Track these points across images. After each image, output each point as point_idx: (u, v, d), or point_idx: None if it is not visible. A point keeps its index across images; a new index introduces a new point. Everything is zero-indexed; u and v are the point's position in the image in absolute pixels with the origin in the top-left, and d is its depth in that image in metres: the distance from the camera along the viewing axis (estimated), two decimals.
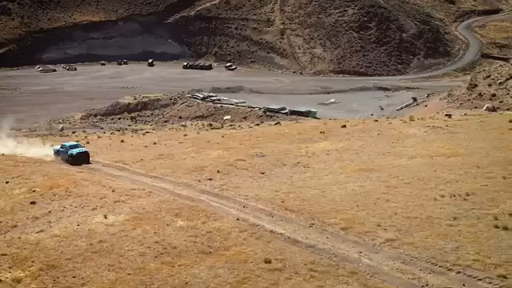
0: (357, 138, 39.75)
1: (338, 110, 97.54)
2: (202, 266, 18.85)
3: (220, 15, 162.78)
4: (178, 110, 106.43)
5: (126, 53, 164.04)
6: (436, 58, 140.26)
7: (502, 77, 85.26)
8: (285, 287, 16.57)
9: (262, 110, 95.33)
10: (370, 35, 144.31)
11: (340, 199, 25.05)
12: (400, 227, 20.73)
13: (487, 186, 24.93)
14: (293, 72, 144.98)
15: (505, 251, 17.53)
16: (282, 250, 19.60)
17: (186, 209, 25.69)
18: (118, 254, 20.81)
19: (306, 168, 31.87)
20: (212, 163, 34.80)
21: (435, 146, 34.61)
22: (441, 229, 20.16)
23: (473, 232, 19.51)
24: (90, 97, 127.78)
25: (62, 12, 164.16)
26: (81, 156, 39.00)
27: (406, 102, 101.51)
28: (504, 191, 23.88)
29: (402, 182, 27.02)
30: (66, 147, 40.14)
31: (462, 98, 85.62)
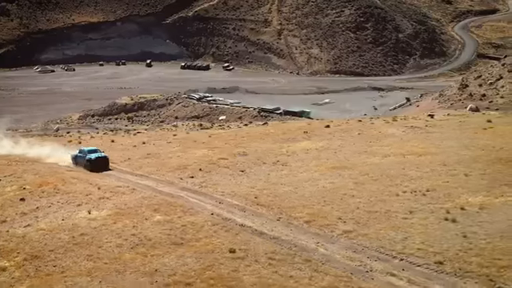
0: (338, 138, 41.45)
1: (331, 110, 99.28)
2: (172, 256, 20.54)
3: (218, 16, 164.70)
4: (174, 111, 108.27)
5: (125, 53, 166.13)
6: (432, 58, 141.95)
7: (493, 77, 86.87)
8: (244, 273, 18.26)
9: (257, 110, 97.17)
10: (367, 35, 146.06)
11: (309, 195, 26.73)
12: (359, 220, 22.41)
13: (448, 183, 26.59)
14: (290, 72, 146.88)
15: (447, 241, 19.20)
16: (247, 241, 21.29)
17: (165, 204, 27.37)
18: (97, 246, 22.50)
19: (284, 166, 33.57)
20: (196, 162, 36.52)
21: (409, 145, 36.29)
22: (395, 221, 21.84)
23: (423, 224, 21.18)
24: (87, 97, 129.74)
25: (60, 13, 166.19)
26: (99, 161, 37.19)
27: (399, 102, 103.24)
28: (462, 187, 25.55)
29: (371, 178, 28.69)
30: (84, 152, 38.48)
31: (452, 98, 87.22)
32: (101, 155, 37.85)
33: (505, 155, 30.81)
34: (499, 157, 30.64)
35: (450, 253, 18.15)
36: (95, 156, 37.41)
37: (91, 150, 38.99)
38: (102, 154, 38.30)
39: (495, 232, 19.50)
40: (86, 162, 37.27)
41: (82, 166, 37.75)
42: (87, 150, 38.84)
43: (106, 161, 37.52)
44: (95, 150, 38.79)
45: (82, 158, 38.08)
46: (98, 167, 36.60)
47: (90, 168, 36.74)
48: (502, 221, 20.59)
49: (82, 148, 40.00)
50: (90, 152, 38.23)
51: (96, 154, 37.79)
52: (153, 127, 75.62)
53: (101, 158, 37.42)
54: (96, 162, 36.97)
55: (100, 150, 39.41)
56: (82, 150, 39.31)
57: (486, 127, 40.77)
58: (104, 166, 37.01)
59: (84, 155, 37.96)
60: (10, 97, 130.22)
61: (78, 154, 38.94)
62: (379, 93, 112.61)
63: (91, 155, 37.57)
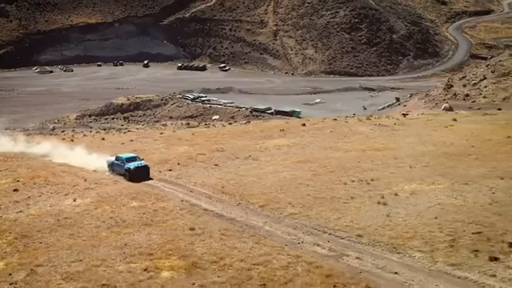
0: (310, 135, 45.20)
1: (322, 109, 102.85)
2: (141, 233, 24.28)
3: (214, 17, 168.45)
4: (169, 111, 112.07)
5: (122, 54, 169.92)
6: (425, 58, 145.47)
7: (477, 78, 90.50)
8: (198, 245, 21.98)
9: (249, 110, 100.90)
10: (361, 36, 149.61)
11: (270, 185, 30.46)
12: (305, 204, 26.14)
13: (393, 174, 30.31)
14: (285, 73, 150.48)
15: (372, 219, 22.89)
16: (207, 222, 25.05)
17: (142, 193, 31.13)
18: (78, 227, 26.25)
19: (254, 160, 37.33)
20: (176, 157, 40.30)
21: (372, 142, 40.03)
22: (336, 205, 25.56)
23: (358, 207, 24.90)
24: (85, 97, 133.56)
25: (59, 14, 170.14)
26: (140, 171, 34.49)
27: (389, 101, 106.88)
28: (403, 177, 29.26)
29: (327, 170, 32.42)
30: (121, 160, 35.82)
31: (438, 98, 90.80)
32: (141, 164, 35.04)
33: (451, 150, 34.53)
34: (446, 151, 34.36)
35: (370, 228, 21.86)
36: (135, 166, 34.72)
37: (129, 157, 36.23)
38: (142, 162, 35.46)
39: (414, 212, 23.21)
40: (125, 172, 34.88)
41: (120, 174, 35.55)
42: (125, 157, 36.14)
43: (146, 170, 34.86)
44: (134, 158, 36.02)
45: (119, 167, 35.74)
46: (138, 177, 34.09)
47: (128, 178, 34.39)
48: (423, 203, 24.30)
49: (119, 155, 37.07)
50: (128, 160, 35.53)
51: (135, 163, 34.99)
52: (148, 126, 79.25)
53: (141, 168, 34.73)
54: (136, 172, 34.39)
55: (139, 157, 36.55)
56: (119, 157, 36.49)
57: (448, 125, 44.45)
58: (145, 175, 34.48)
59: (122, 163, 35.44)
60: (8, 97, 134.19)
61: (114, 162, 36.43)
62: (370, 93, 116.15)
63: (130, 164, 34.90)
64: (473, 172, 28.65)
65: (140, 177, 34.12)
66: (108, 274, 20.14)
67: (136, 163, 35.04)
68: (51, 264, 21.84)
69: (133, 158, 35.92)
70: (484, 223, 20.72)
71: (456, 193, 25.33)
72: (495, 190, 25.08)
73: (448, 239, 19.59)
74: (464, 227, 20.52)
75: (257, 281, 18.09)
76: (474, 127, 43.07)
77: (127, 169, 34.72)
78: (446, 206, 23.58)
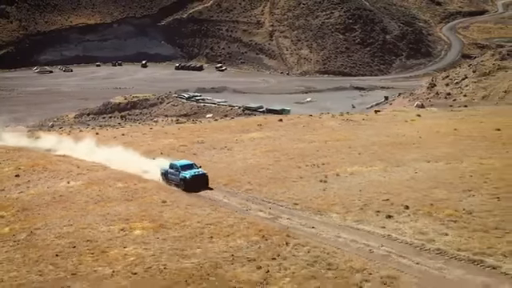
0: (283, 130, 50.77)
1: (312, 108, 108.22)
2: (122, 206, 29.82)
3: (212, 18, 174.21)
4: (165, 109, 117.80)
5: (121, 54, 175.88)
6: (417, 58, 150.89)
7: (459, 77, 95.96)
8: (166, 213, 27.48)
9: (241, 108, 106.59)
10: (355, 37, 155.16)
11: (236, 169, 36.00)
12: (261, 183, 31.63)
13: (343, 159, 35.82)
14: (280, 73, 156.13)
15: (310, 193, 28.32)
16: (177, 197, 30.59)
17: (127, 177, 36.70)
18: (70, 202, 31.83)
19: (228, 150, 42.91)
20: (160, 148, 45.88)
21: (336, 134, 45.56)
22: (286, 183, 31.05)
23: (303, 185, 30.38)
24: (84, 97, 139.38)
25: (58, 15, 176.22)
26: (197, 180, 31.95)
27: (378, 100, 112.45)
28: (349, 162, 34.76)
29: (288, 158, 37.93)
30: (176, 167, 33.22)
31: (421, 96, 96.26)
32: (198, 172, 32.57)
33: (400, 140, 40.06)
34: (395, 141, 39.88)
35: (306, 199, 27.36)
36: (191, 174, 32.23)
37: (185, 164, 33.59)
38: (199, 170, 32.92)
39: (345, 187, 28.72)
40: (180, 181, 32.44)
41: (175, 184, 33.07)
42: (180, 164, 33.49)
43: (204, 179, 32.31)
44: (190, 166, 33.37)
45: (174, 175, 33.20)
46: (194, 187, 31.66)
47: (184, 188, 31.99)
48: (356, 181, 29.80)
49: (173, 162, 34.32)
50: (183, 168, 32.98)
51: (192, 172, 32.49)
52: (141, 123, 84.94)
53: (199, 176, 32.20)
54: (193, 181, 31.94)
55: (196, 164, 33.99)
56: (173, 164, 33.86)
57: (409, 120, 49.95)
58: (203, 184, 32.04)
59: (177, 172, 32.91)
60: (9, 97, 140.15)
61: (169, 170, 33.88)
62: (360, 92, 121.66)
63: (186, 173, 32.42)
64: (408, 157, 34.14)
65: (197, 186, 31.62)
66: (92, 233, 25.69)
67: (192, 171, 32.44)
68: (47, 228, 27.39)
69: (189, 166, 33.23)
70: (394, 193, 26.22)
71: (386, 173, 30.85)
72: (418, 171, 30.55)
73: (361, 204, 25.09)
74: (378, 196, 26.02)
75: (207, 235, 23.61)
76: (432, 122, 48.59)
77: (182, 178, 32.19)
78: (372, 182, 29.11)
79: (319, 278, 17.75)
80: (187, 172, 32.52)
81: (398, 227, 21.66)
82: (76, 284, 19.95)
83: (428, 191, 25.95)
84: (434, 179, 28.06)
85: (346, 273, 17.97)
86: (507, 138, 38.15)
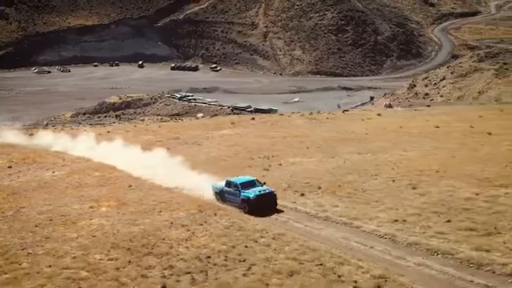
0: (253, 127, 56.99)
1: (299, 108, 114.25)
2: (95, 190, 36.05)
3: (207, 19, 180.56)
4: (158, 109, 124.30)
5: (118, 55, 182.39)
6: (408, 59, 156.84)
7: (437, 78, 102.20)
8: (130, 195, 33.67)
9: (231, 108, 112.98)
10: (347, 38, 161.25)
11: (199, 160, 42.10)
12: (215, 171, 37.76)
13: (291, 152, 41.99)
14: (273, 73, 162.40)
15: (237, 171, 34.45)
16: (142, 182, 36.82)
17: (105, 167, 42.95)
18: (53, 187, 38.10)
19: (198, 145, 49.13)
20: (138, 143, 52.13)
21: (296, 131, 51.73)
22: (236, 171, 37.14)
23: (249, 172, 36.54)
24: (81, 97, 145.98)
25: (57, 16, 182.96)
26: (263, 201, 27.65)
27: (363, 100, 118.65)
28: (294, 154, 40.89)
29: (247, 151, 44.11)
30: (235, 185, 29.16)
31: (401, 96, 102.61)
32: (264, 191, 28.28)
33: (347, 136, 46.23)
34: (342, 137, 46.04)
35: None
36: (255, 194, 27.97)
37: (246, 181, 29.50)
38: (264, 188, 28.70)
39: (281, 174, 34.85)
40: (242, 203, 28.33)
41: (234, 204, 28.95)
42: (240, 182, 29.38)
43: (272, 198, 28.06)
44: (252, 183, 29.25)
45: (233, 196, 29.17)
46: (261, 209, 27.31)
47: (248, 211, 27.71)
48: (292, 169, 35.94)
49: (230, 179, 30.14)
50: (244, 186, 28.84)
51: (256, 190, 28.28)
52: (128, 122, 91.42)
53: (265, 196, 27.91)
54: (258, 201, 27.66)
55: (258, 180, 29.77)
56: (230, 181, 29.85)
57: (365, 119, 56.07)
58: (271, 205, 27.78)
59: (237, 191, 28.87)
60: (8, 96, 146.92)
61: (225, 188, 29.95)
62: (347, 92, 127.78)
63: (249, 192, 28.24)
64: (345, 150, 40.29)
65: (264, 208, 27.30)
66: (66, 210, 31.92)
67: (257, 190, 28.30)
68: (31, 207, 33.63)
69: (250, 183, 29.15)
70: (316, 178, 32.38)
71: (320, 163, 37.02)
72: (346, 161, 36.70)
73: (286, 186, 31.25)
74: (302, 180, 32.19)
75: (157, 210, 29.80)
76: (385, 120, 54.73)
77: (245, 198, 28.03)
78: (305, 170, 35.27)
79: (228, 236, 23.93)
80: (250, 191, 28.16)
81: (305, 202, 27.83)
82: (48, 244, 26.13)
83: (343, 176, 32.13)
84: (354, 167, 34.22)
85: (250, 232, 24.14)
86: (440, 134, 44.26)
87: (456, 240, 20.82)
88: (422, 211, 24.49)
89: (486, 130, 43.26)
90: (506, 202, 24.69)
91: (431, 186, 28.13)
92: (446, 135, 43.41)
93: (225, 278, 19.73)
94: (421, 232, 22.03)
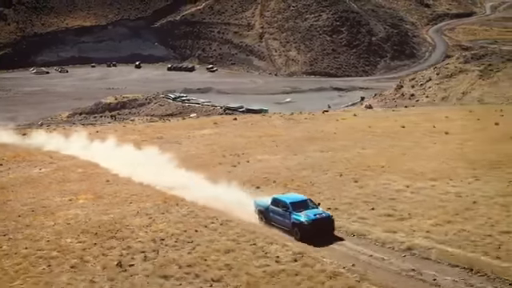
0: (233, 127, 60.68)
1: (290, 108, 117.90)
2: (77, 185, 39.72)
3: (204, 20, 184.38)
4: (152, 109, 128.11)
5: (116, 55, 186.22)
6: (402, 60, 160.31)
7: (424, 79, 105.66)
8: (106, 189, 37.36)
9: (223, 108, 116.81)
10: (342, 39, 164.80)
11: (177, 157, 45.72)
12: (190, 167, 41.39)
13: (262, 150, 45.64)
14: (268, 73, 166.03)
15: (220, 173, 38.10)
16: (118, 178, 40.53)
17: (89, 165, 46.68)
18: (38, 183, 41.85)
19: (178, 144, 52.82)
20: (124, 142, 55.86)
21: (272, 131, 55.39)
22: (208, 167, 40.79)
23: (219, 168, 40.22)
24: (78, 97, 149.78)
25: (54, 17, 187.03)
26: (319, 226, 24.26)
27: (354, 100, 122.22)
28: (264, 152, 44.52)
29: (222, 149, 47.74)
30: (284, 205, 25.69)
31: (388, 97, 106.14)
32: (320, 214, 24.86)
33: (315, 135, 49.90)
34: (312, 136, 49.71)
35: (215, 176, 37.15)
36: (310, 218, 24.47)
37: (297, 201, 25.87)
38: (319, 210, 25.31)
39: (246, 169, 38.53)
40: (293, 227, 24.79)
41: (283, 228, 25.56)
42: (290, 200, 25.97)
43: (329, 223, 24.67)
44: (304, 203, 25.69)
45: (281, 217, 25.78)
46: (316, 235, 24.01)
47: (300, 237, 24.26)
48: (258, 165, 39.62)
49: (278, 197, 26.91)
50: (296, 206, 25.33)
51: (311, 214, 24.76)
52: (118, 122, 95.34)
53: (322, 221, 24.46)
54: (314, 227, 24.18)
55: (311, 200, 26.30)
56: (278, 199, 26.47)
57: (339, 119, 59.71)
58: (327, 231, 24.49)
59: (286, 212, 25.41)
60: (6, 97, 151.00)
61: (271, 207, 26.63)
62: (338, 93, 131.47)
63: (300, 215, 24.74)
64: (310, 148, 43.95)
65: (319, 234, 23.97)
66: (47, 202, 35.62)
67: (311, 213, 24.80)
68: (16, 200, 37.34)
69: (302, 203, 25.62)
70: (275, 173, 36.02)
71: (284, 160, 40.66)
72: (308, 158, 40.35)
73: (246, 180, 34.88)
74: (262, 175, 35.82)
75: (128, 201, 33.49)
76: (358, 120, 58.38)
77: (297, 222, 24.58)
78: (268, 166, 38.91)
79: (184, 222, 27.50)
80: (303, 214, 24.71)
81: (258, 193, 31.47)
82: (27, 230, 29.81)
83: (298, 171, 35.81)
84: (311, 164, 37.89)
85: (202, 219, 27.76)
86: (402, 133, 47.90)
87: (373, 224, 24.43)
88: (354, 201, 28.13)
89: (445, 130, 46.79)
90: (430, 193, 28.30)
91: (371, 180, 31.74)
92: (407, 134, 47.00)
93: (172, 255, 23.39)
94: (347, 218, 25.66)
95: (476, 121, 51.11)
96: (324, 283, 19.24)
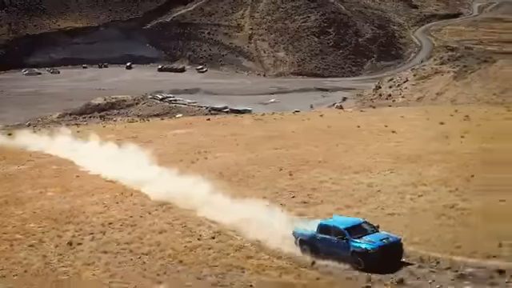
0: (203, 127, 65.12)
1: (274, 108, 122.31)
2: (49, 179, 44.23)
3: (194, 21, 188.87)
4: (140, 109, 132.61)
5: (107, 56, 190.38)
6: (388, 60, 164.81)
7: (401, 80, 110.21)
8: (74, 182, 41.81)
9: (208, 108, 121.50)
10: (329, 40, 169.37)
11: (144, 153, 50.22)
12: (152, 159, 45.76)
13: (222, 148, 50.08)
14: (257, 74, 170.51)
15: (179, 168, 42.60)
16: (88, 173, 45.03)
17: (63, 162, 51.09)
18: (15, 178, 46.36)
19: (150, 143, 57.14)
20: (100, 141, 60.35)
21: (238, 130, 59.78)
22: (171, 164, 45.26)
23: (179, 164, 44.64)
24: (69, 98, 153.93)
25: (47, 19, 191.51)
26: (388, 253, 21.34)
27: (336, 101, 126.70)
28: (223, 149, 48.90)
29: (187, 148, 52.14)
30: (338, 232, 22.32)
31: (367, 97, 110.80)
32: (388, 239, 21.85)
33: (273, 134, 54.32)
34: (271, 135, 54.09)
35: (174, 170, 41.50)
36: (378, 244, 21.46)
37: (353, 225, 22.74)
38: (386, 234, 22.38)
39: (204, 165, 42.99)
40: (354, 257, 21.63)
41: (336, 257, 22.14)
42: (344, 226, 22.54)
43: (399, 249, 21.93)
44: (359, 227, 22.71)
45: (334, 246, 22.33)
46: (384, 263, 21.14)
47: (364, 267, 21.29)
48: (213, 162, 44.07)
49: (325, 222, 23.57)
50: (354, 231, 22.20)
51: (376, 239, 21.76)
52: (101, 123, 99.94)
53: (392, 247, 21.62)
54: (382, 255, 21.23)
55: (367, 222, 23.40)
56: (328, 225, 23.11)
57: (305, 119, 64.18)
58: (396, 259, 21.69)
59: (342, 240, 22.11)
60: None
61: (318, 236, 22.97)
62: (322, 93, 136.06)
63: (362, 242, 21.70)
64: (265, 146, 48.38)
65: (387, 263, 21.17)
66: (20, 194, 40.10)
67: (376, 238, 21.82)
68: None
69: (359, 228, 22.58)
70: (225, 168, 40.48)
71: (238, 156, 45.10)
72: (259, 155, 44.80)
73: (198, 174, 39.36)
74: (214, 170, 40.28)
75: (91, 193, 37.98)
76: (321, 120, 62.89)
77: (360, 251, 21.46)
78: (222, 162, 43.39)
79: (132, 210, 32.03)
80: (365, 240, 21.67)
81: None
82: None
83: (245, 166, 40.33)
84: (259, 159, 42.37)
85: (149, 207, 32.28)
86: (354, 132, 52.32)
87: (288, 209, 28.86)
88: (281, 191, 32.61)
89: (393, 129, 51.23)
90: (347, 183, 32.78)
91: (304, 173, 36.24)
92: (358, 133, 51.45)
93: (115, 236, 27.92)
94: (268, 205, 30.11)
95: (425, 120, 55.48)
96: (229, 254, 23.74)
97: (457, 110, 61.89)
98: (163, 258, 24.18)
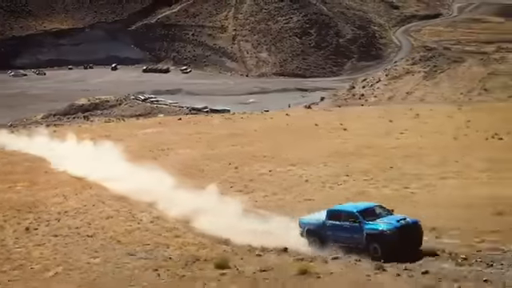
0: (174, 126, 68.78)
1: (253, 108, 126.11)
2: (20, 175, 47.66)
3: (179, 22, 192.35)
4: (123, 110, 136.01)
5: (93, 58, 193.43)
6: (368, 60, 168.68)
7: (374, 80, 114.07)
8: (41, 177, 45.35)
9: (189, 108, 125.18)
10: (311, 40, 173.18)
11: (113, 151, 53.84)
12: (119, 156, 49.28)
13: (186, 145, 53.69)
14: (240, 74, 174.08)
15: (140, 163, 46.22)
16: (56, 170, 48.57)
17: (35, 159, 54.52)
18: None
19: (120, 141, 60.62)
20: (74, 140, 63.88)
21: (205, 129, 63.47)
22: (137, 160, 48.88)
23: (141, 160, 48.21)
24: (54, 99, 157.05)
25: (33, 20, 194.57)
26: (406, 235, 19.85)
27: (314, 100, 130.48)
28: (186, 146, 52.61)
29: (154, 145, 55.77)
30: (349, 215, 21.11)
31: (341, 97, 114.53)
32: (404, 219, 20.65)
33: (236, 132, 58.18)
34: (233, 133, 57.87)
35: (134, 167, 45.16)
36: (394, 225, 20.13)
37: (366, 208, 21.58)
38: (403, 216, 21.13)
39: (164, 161, 46.59)
40: (369, 241, 20.20)
41: (348, 245, 20.86)
42: (357, 209, 21.35)
43: (418, 233, 20.50)
44: (373, 210, 21.55)
45: (345, 231, 21.04)
46: (402, 246, 19.73)
47: (381, 253, 19.74)
48: (177, 157, 47.70)
49: (337, 207, 22.41)
50: (367, 214, 21.04)
51: (392, 219, 20.64)
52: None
53: (410, 229, 20.19)
54: (400, 237, 19.75)
55: (382, 206, 21.96)
56: (339, 210, 21.94)
57: (268, 118, 67.90)
58: (415, 244, 20.29)
59: (354, 224, 20.80)
60: None
61: (328, 222, 21.64)
62: (301, 93, 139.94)
63: (378, 224, 20.42)
64: (225, 143, 52.06)
65: (407, 247, 19.83)
66: None
67: (392, 219, 20.68)
68: None
69: (372, 211, 21.47)
70: (182, 163, 44.13)
71: (197, 153, 48.83)
72: (216, 151, 48.49)
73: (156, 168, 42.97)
74: (172, 164, 43.94)
75: (54, 187, 41.52)
76: (284, 119, 66.63)
77: (375, 233, 20.11)
78: (181, 158, 47.08)
79: (88, 200, 35.67)
80: (380, 222, 20.49)
81: None
82: None
83: (200, 161, 44.08)
84: (214, 155, 46.10)
85: (104, 197, 35.89)
86: (309, 130, 56.09)
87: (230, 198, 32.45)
88: (223, 181, 36.25)
89: (345, 127, 55.02)
90: (282, 175, 36.56)
91: (248, 167, 39.96)
92: (313, 131, 55.26)
93: (68, 222, 31.51)
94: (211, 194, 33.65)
95: (378, 119, 59.31)
96: (161, 234, 27.38)
97: (411, 109, 65.73)
98: (104, 239, 27.73)
